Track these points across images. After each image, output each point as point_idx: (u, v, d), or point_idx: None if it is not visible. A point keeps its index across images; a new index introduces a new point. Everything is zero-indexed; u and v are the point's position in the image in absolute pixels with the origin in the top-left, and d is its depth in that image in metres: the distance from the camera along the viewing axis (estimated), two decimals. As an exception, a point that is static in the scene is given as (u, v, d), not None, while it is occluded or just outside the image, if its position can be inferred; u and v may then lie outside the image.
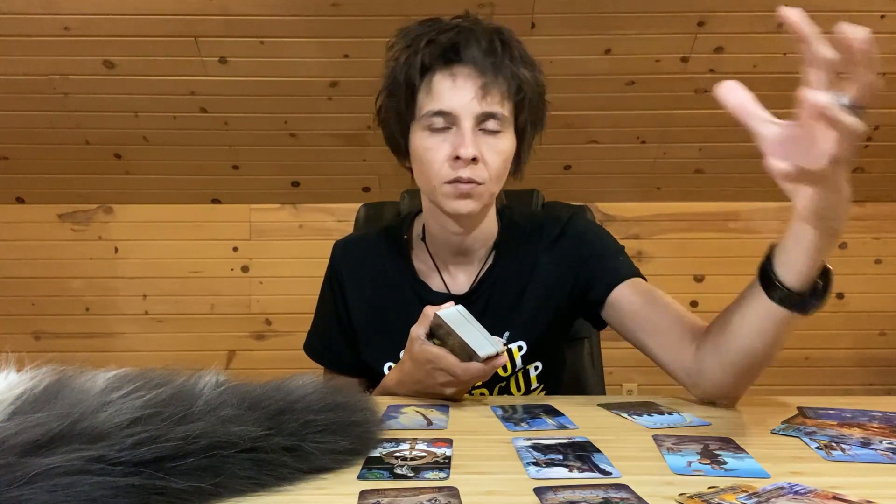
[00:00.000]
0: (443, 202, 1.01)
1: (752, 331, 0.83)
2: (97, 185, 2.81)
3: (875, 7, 2.23)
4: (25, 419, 0.50)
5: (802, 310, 0.79)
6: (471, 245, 1.10)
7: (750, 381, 0.89)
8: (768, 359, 0.86)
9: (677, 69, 2.43)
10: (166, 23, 2.26)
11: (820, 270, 0.77)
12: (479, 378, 0.90)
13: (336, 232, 2.81)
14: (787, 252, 0.77)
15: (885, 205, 2.92)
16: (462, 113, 0.98)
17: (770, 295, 0.79)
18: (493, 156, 1.00)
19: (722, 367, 0.88)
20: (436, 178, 1.00)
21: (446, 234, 1.08)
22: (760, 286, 0.80)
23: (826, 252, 0.74)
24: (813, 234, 0.73)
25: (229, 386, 0.62)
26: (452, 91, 0.98)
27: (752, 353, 0.85)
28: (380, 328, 1.12)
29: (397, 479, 0.61)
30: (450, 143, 0.99)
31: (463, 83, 0.98)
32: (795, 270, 0.76)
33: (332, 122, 2.58)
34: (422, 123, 1.00)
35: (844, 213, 0.71)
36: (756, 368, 0.87)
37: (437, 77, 0.99)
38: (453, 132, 0.99)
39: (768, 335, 0.82)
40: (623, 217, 2.92)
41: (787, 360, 2.92)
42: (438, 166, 0.99)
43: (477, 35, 0.99)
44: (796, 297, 0.77)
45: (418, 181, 1.06)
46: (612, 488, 0.58)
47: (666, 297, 1.01)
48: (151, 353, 2.89)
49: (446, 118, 0.98)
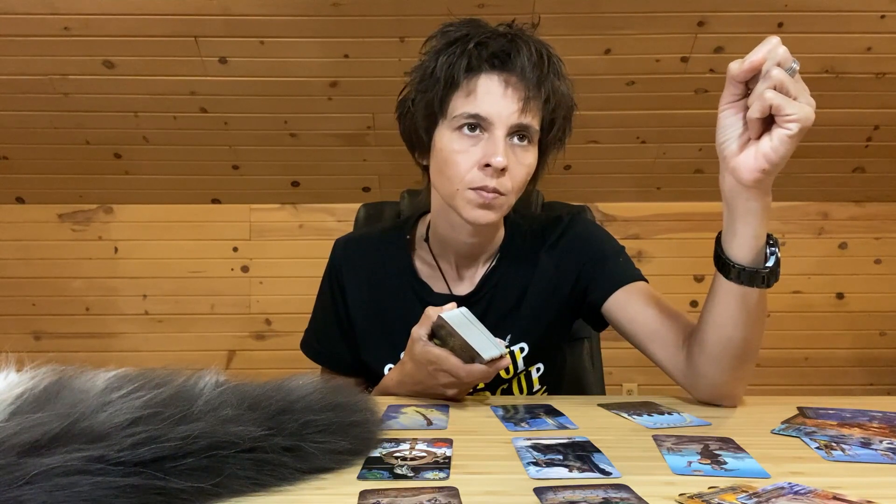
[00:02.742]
0: (462, 208, 0.98)
1: (724, 319, 0.86)
2: (97, 185, 2.81)
3: (875, 7, 2.23)
4: (25, 419, 0.50)
5: (759, 281, 0.82)
6: (478, 250, 1.10)
7: (741, 374, 0.90)
8: (749, 346, 0.88)
9: (677, 69, 2.43)
10: (166, 23, 2.26)
11: (765, 241, 0.82)
12: (482, 380, 0.90)
13: (336, 232, 2.80)
14: (732, 232, 0.81)
15: (885, 205, 2.93)
16: (497, 121, 0.95)
17: (727, 276, 0.83)
18: (518, 168, 0.98)
19: (710, 363, 0.89)
20: (460, 181, 0.97)
21: (456, 238, 1.07)
22: (718, 271, 0.84)
23: (765, 219, 0.80)
24: (751, 206, 0.79)
25: (229, 386, 0.62)
26: (495, 97, 0.95)
27: (730, 341, 0.87)
28: (379, 328, 1.11)
29: (397, 479, 0.61)
30: (480, 148, 0.96)
31: (506, 92, 0.96)
32: (742, 246, 0.81)
33: (332, 122, 2.58)
34: (453, 123, 0.97)
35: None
36: (741, 359, 0.88)
37: (481, 80, 0.96)
38: (485, 138, 0.96)
39: (739, 318, 0.85)
40: (623, 217, 2.92)
41: (787, 360, 2.92)
42: (465, 170, 0.96)
43: (529, 46, 0.97)
44: (750, 270, 0.81)
45: (437, 182, 1.02)
46: (612, 488, 0.58)
47: (664, 301, 1.01)
48: (151, 353, 2.89)
49: (481, 123, 0.96)
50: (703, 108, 2.54)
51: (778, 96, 0.71)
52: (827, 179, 2.83)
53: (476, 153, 0.96)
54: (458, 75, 0.96)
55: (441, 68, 0.97)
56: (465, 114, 0.96)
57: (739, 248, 0.81)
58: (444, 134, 0.99)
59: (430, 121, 1.01)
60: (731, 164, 0.77)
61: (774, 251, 0.82)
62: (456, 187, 0.98)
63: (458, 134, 0.97)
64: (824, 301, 2.95)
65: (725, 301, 0.85)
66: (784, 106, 0.71)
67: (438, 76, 0.97)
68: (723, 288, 0.84)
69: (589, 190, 2.84)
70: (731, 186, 0.79)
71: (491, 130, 0.96)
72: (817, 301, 2.95)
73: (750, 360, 0.90)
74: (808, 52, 2.34)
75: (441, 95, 0.98)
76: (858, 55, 2.37)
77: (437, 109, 0.99)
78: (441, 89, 0.97)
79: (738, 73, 0.73)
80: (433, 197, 1.08)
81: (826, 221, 2.94)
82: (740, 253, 0.81)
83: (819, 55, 2.36)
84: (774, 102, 0.71)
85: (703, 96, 2.50)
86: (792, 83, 0.71)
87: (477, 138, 0.96)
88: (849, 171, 2.80)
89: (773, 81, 0.70)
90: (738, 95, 0.76)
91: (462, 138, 0.97)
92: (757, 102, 0.72)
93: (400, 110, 1.06)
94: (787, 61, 0.71)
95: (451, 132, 0.98)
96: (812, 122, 0.72)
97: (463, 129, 0.97)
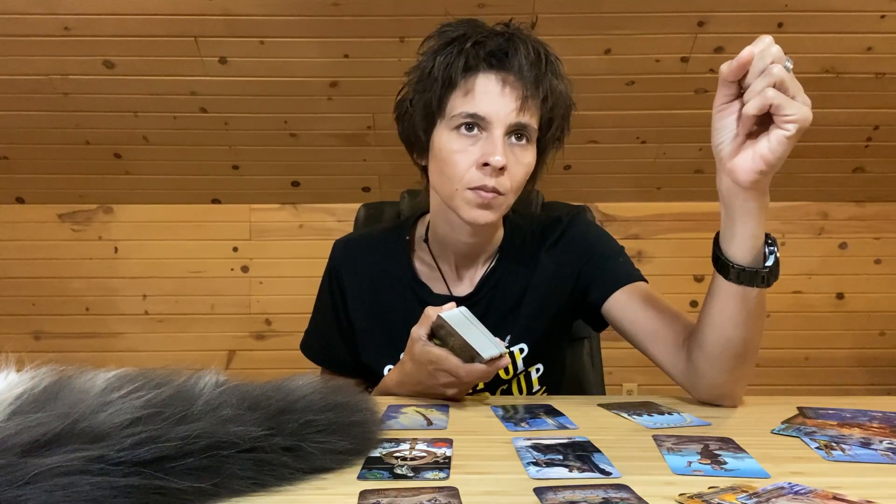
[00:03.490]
0: (461, 208, 0.98)
1: (723, 319, 0.86)
2: (97, 185, 2.81)
3: (875, 7, 2.23)
4: (25, 419, 0.50)
5: (758, 281, 0.82)
6: (478, 250, 1.10)
7: (741, 374, 0.89)
8: (748, 346, 0.87)
9: (677, 69, 2.43)
10: (166, 23, 2.26)
11: (764, 240, 0.82)
12: (482, 379, 0.90)
13: (336, 232, 2.81)
14: (730, 232, 0.81)
15: (885, 205, 2.93)
16: (496, 120, 0.95)
17: (727, 276, 0.83)
18: (517, 167, 0.98)
19: (709, 363, 0.89)
20: (459, 181, 0.97)
21: (455, 239, 1.07)
22: (717, 272, 0.84)
23: (763, 219, 0.80)
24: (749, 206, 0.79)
25: (229, 386, 0.62)
26: (492, 97, 0.95)
27: (730, 341, 0.87)
28: (379, 329, 1.11)
29: (397, 479, 0.61)
30: (479, 148, 0.96)
31: (504, 91, 0.95)
32: (741, 246, 0.81)
33: (332, 122, 2.58)
34: (451, 123, 0.97)
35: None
36: (740, 359, 0.88)
37: (479, 79, 0.96)
38: (483, 138, 0.96)
39: (738, 318, 0.85)
40: (623, 217, 2.92)
41: (787, 360, 2.92)
42: (463, 170, 0.96)
43: (526, 45, 0.97)
44: (750, 270, 0.81)
45: (436, 182, 1.02)
46: (612, 488, 0.58)
47: (663, 301, 1.01)
48: (151, 353, 2.89)
49: (479, 122, 0.96)
50: (703, 108, 2.53)
51: (779, 95, 0.70)
52: (827, 179, 2.83)
53: (474, 153, 0.96)
54: (456, 75, 0.96)
55: (439, 68, 0.97)
56: (462, 113, 0.96)
57: (738, 249, 0.81)
58: (443, 134, 0.99)
59: (429, 121, 1.00)
60: (728, 166, 0.77)
61: (773, 250, 0.82)
62: (455, 187, 0.98)
63: (456, 133, 0.97)
64: (824, 301, 2.95)
65: (724, 301, 0.85)
66: (784, 106, 0.70)
67: (436, 76, 0.97)
68: (721, 288, 0.84)
69: (589, 190, 2.84)
70: (729, 187, 0.79)
71: (489, 130, 0.95)
72: (817, 301, 2.95)
73: (749, 360, 0.89)
74: (808, 52, 2.34)
75: (439, 95, 0.97)
76: (858, 55, 2.37)
77: (436, 109, 0.99)
78: (439, 89, 0.97)
79: (729, 72, 0.73)
80: (432, 197, 1.08)
81: (826, 221, 2.94)
82: (739, 253, 0.81)
83: (819, 55, 2.36)
84: (775, 102, 0.70)
85: (703, 96, 2.50)
86: (791, 81, 0.71)
87: (475, 138, 0.96)
88: (849, 171, 2.80)
89: (773, 78, 0.70)
90: (732, 96, 0.75)
91: (460, 138, 0.97)
92: (757, 99, 0.71)
93: (398, 111, 1.06)
94: (781, 59, 0.71)
95: (450, 132, 0.98)
96: (810, 123, 0.72)
97: (461, 128, 0.97)
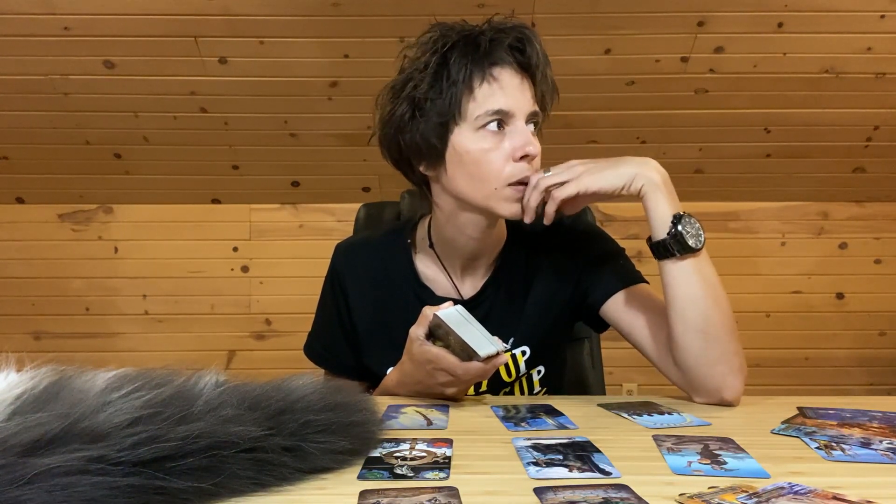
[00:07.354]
0: (499, 206, 0.97)
1: (676, 302, 0.93)
2: (97, 185, 2.81)
3: (875, 7, 2.23)
4: (25, 419, 0.50)
5: (677, 248, 0.93)
6: (483, 251, 1.09)
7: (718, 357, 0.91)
8: (709, 321, 0.91)
9: (677, 69, 2.43)
10: (166, 23, 2.26)
11: (670, 219, 0.96)
12: (480, 377, 0.90)
13: (336, 232, 2.81)
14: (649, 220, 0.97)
15: (885, 205, 2.92)
16: (518, 112, 0.96)
17: (657, 255, 0.95)
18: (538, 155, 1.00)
19: (681, 350, 0.93)
20: (497, 179, 0.96)
21: (464, 240, 1.05)
22: (654, 257, 0.96)
23: (661, 205, 0.99)
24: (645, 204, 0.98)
25: (229, 386, 0.62)
26: (513, 90, 0.96)
27: (689, 319, 0.92)
28: (382, 332, 1.11)
29: (397, 479, 0.61)
30: (508, 142, 0.96)
31: (522, 83, 0.97)
32: (653, 227, 0.97)
33: (332, 122, 2.58)
34: (476, 123, 0.96)
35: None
36: (707, 336, 0.91)
37: (502, 75, 0.96)
38: (508, 131, 0.96)
39: (686, 292, 0.93)
40: (623, 217, 2.92)
41: (787, 360, 2.92)
42: (500, 167, 0.96)
43: (535, 36, 0.98)
44: (665, 241, 0.94)
45: (464, 186, 0.98)
46: (612, 488, 0.58)
47: (663, 303, 1.01)
48: (151, 353, 2.89)
49: (504, 117, 0.96)
50: (703, 108, 2.54)
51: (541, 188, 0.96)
52: (827, 179, 2.82)
53: (506, 148, 0.96)
54: (475, 75, 0.95)
55: (456, 71, 0.95)
56: (489, 111, 0.95)
57: (654, 232, 0.97)
58: (466, 136, 0.97)
59: (444, 126, 0.97)
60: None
61: (675, 222, 0.94)
62: (493, 186, 0.97)
63: (483, 133, 0.96)
64: (824, 301, 2.95)
65: (668, 283, 0.94)
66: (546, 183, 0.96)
67: (455, 78, 0.95)
68: (662, 271, 0.95)
69: (589, 190, 2.83)
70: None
71: (513, 122, 0.96)
72: (817, 301, 2.95)
73: (720, 338, 0.92)
74: (808, 52, 2.34)
75: (458, 98, 0.96)
76: (858, 55, 2.36)
77: (455, 112, 0.96)
78: (458, 91, 0.95)
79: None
80: (442, 202, 1.04)
81: (826, 221, 2.94)
82: (654, 235, 0.96)
83: (819, 55, 2.36)
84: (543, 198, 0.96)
85: (703, 96, 2.50)
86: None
87: (501, 133, 0.97)
88: (849, 171, 2.79)
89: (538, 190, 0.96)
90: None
91: (489, 136, 0.96)
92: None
93: (391, 128, 1.01)
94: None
95: (475, 132, 0.96)
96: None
97: (487, 126, 0.96)
